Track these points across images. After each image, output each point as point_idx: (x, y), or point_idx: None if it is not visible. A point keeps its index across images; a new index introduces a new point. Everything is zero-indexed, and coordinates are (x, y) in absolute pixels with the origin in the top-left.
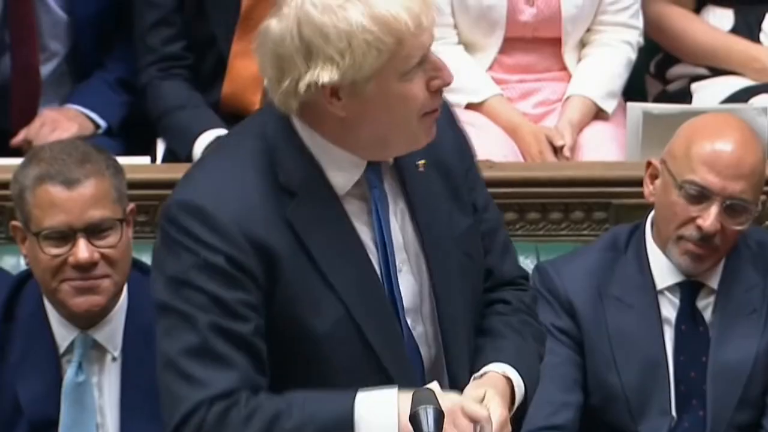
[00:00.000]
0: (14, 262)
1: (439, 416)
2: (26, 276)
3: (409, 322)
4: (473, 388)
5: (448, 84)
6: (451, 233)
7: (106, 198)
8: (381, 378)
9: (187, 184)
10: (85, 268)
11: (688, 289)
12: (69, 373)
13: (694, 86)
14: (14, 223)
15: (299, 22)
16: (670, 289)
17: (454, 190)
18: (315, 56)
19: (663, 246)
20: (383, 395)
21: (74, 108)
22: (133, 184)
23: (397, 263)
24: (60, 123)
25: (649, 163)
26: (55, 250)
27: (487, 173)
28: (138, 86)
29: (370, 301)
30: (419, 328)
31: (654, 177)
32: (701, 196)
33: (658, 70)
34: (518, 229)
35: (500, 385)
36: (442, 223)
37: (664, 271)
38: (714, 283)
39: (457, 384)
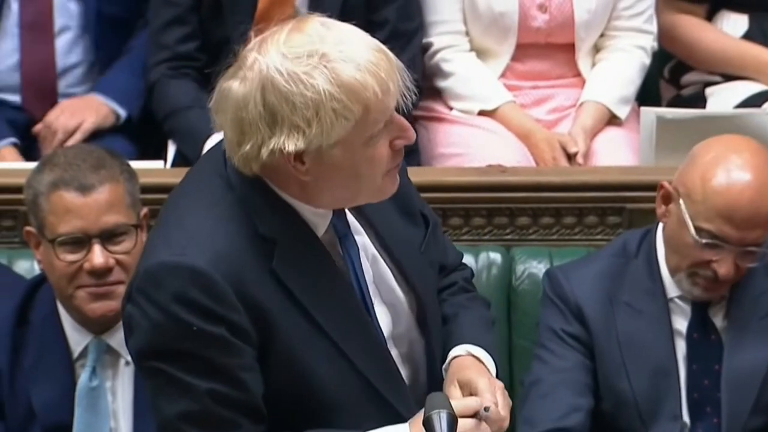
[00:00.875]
0: (28, 267)
1: (453, 421)
2: (40, 280)
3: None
4: (449, 385)
5: (411, 143)
6: (415, 249)
7: (120, 203)
8: (382, 406)
9: (167, 244)
10: (101, 274)
11: None
12: (83, 377)
13: (708, 91)
14: (28, 228)
15: (263, 88)
16: (681, 297)
17: (403, 204)
18: (280, 123)
19: (672, 272)
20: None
21: (95, 97)
22: (146, 189)
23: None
24: (79, 111)
25: (661, 186)
26: (70, 257)
27: (499, 178)
28: (147, 83)
29: (363, 339)
30: (394, 351)
31: (666, 199)
32: (716, 245)
33: (672, 76)
34: (531, 234)
35: (470, 364)
36: (407, 243)
37: None
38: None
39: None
